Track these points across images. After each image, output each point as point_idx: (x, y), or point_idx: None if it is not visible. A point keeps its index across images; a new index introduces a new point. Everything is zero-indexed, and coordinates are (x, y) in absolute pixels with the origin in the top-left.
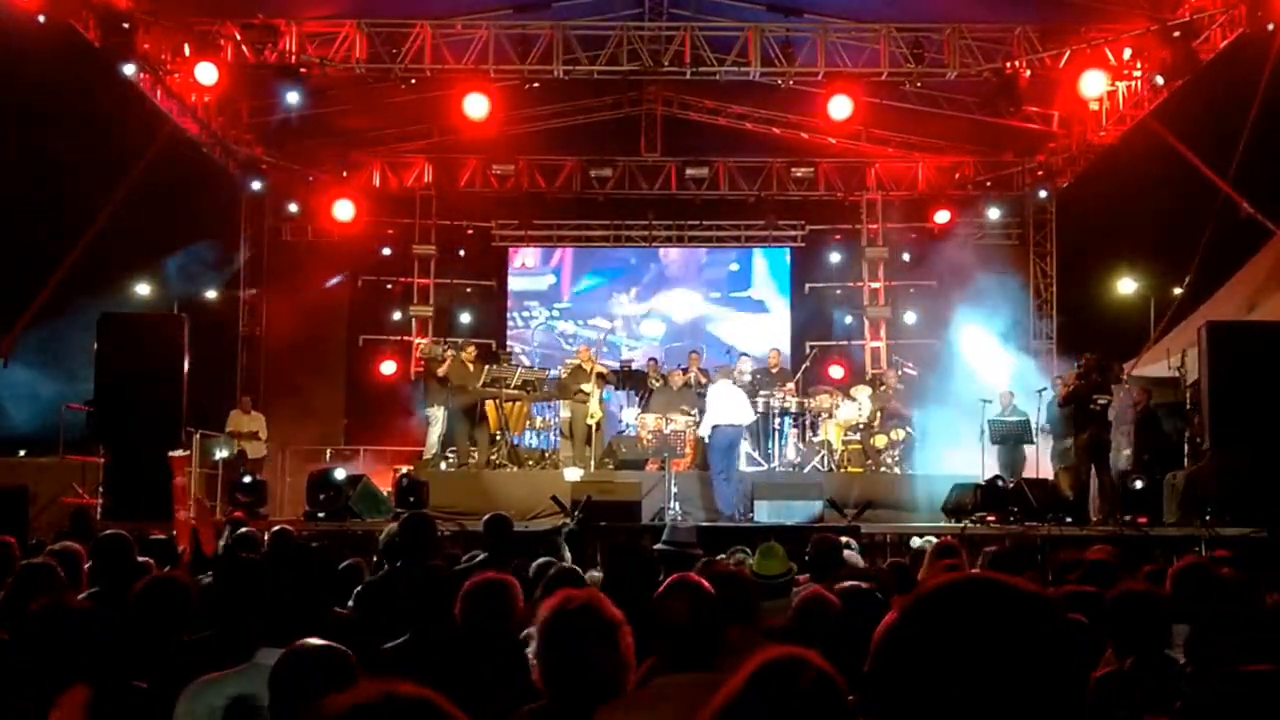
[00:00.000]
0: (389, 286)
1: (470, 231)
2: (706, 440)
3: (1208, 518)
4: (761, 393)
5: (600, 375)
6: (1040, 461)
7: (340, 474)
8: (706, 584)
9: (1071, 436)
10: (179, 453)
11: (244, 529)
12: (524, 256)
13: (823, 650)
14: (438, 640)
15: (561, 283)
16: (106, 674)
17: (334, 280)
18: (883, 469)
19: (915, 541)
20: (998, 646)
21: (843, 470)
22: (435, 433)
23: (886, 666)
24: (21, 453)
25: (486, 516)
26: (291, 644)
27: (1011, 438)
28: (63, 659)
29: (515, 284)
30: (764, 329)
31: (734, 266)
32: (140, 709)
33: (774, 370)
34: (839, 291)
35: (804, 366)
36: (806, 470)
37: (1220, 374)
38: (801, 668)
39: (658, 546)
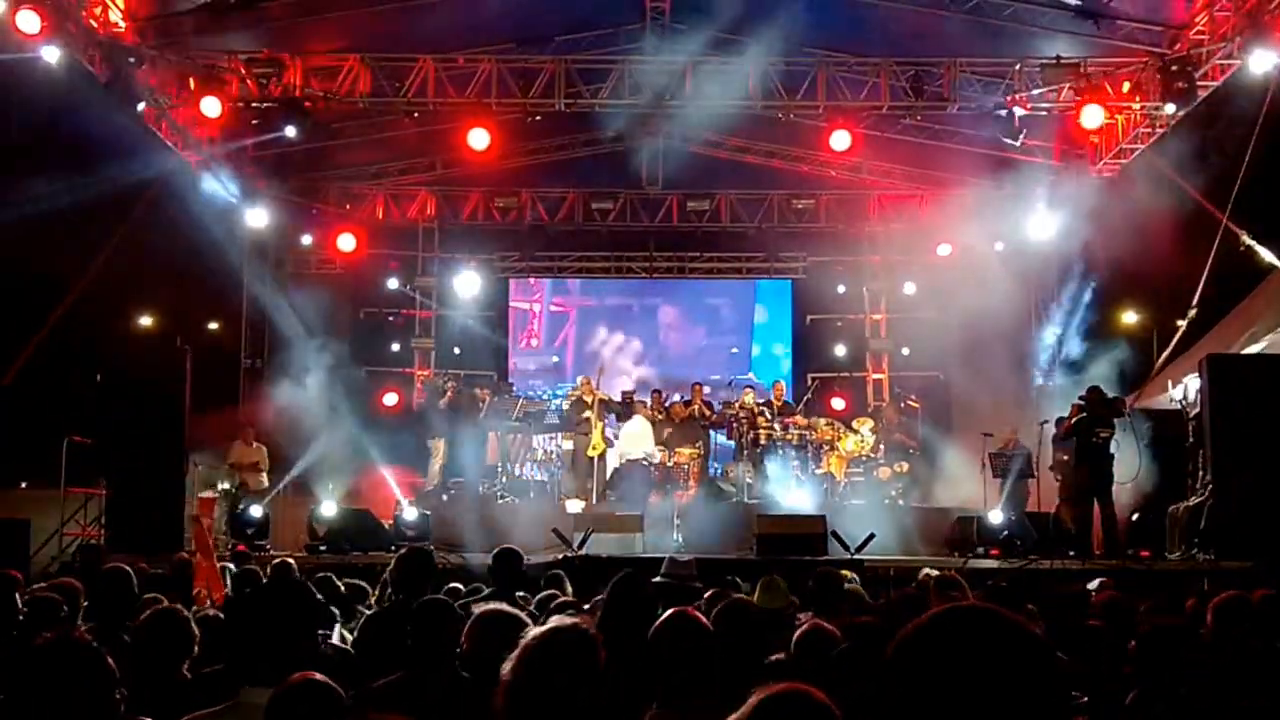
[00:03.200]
0: (391, 318)
1: (472, 264)
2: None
3: (1211, 552)
4: (764, 425)
5: (603, 403)
6: (1042, 495)
7: (342, 506)
8: (704, 619)
9: (1073, 470)
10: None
11: (246, 566)
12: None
13: (824, 683)
14: (435, 676)
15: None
16: (112, 708)
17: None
18: (885, 501)
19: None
20: (983, 665)
21: (846, 503)
22: (436, 464)
23: (893, 679)
24: (23, 484)
25: (495, 550)
26: (282, 680)
27: (1013, 471)
28: (69, 692)
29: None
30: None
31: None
32: None
33: (777, 402)
34: (840, 323)
35: (806, 398)
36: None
37: (1222, 407)
38: (804, 702)
39: (656, 579)
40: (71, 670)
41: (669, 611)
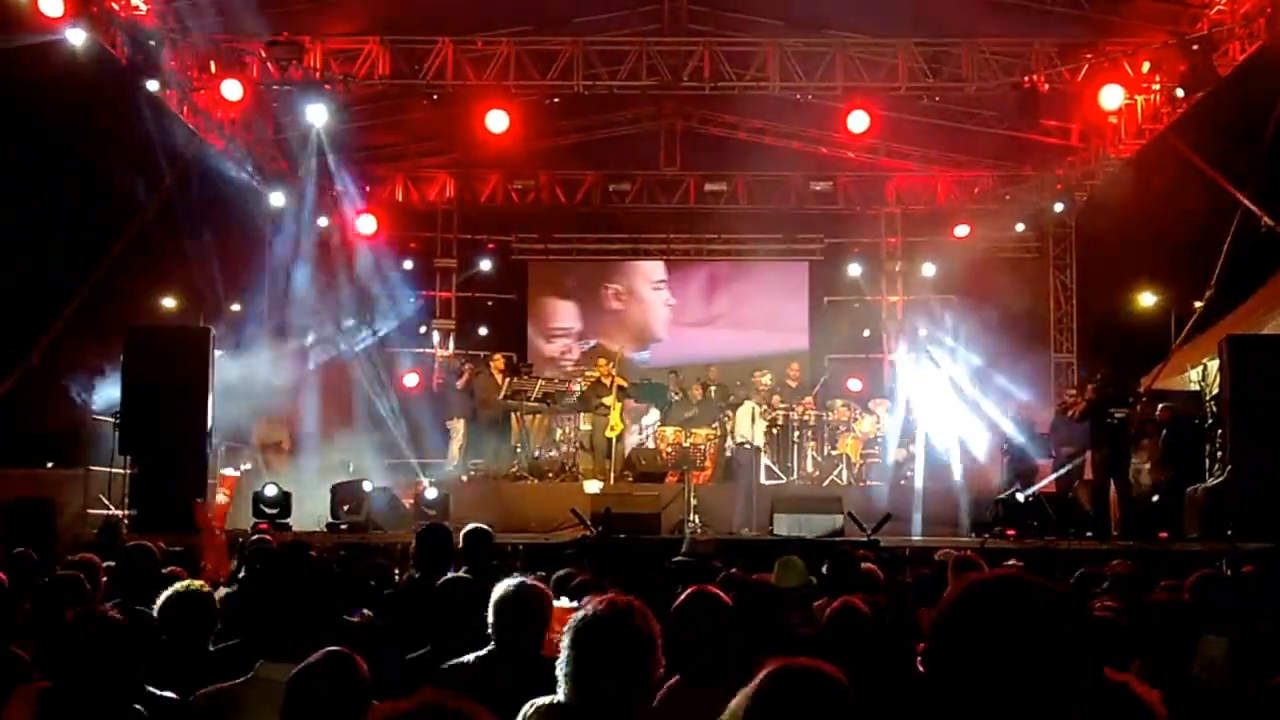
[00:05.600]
0: (412, 299)
1: (491, 245)
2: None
3: (1229, 532)
4: (780, 406)
5: (621, 388)
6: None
7: (363, 485)
8: (725, 597)
9: (1088, 450)
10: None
11: (262, 543)
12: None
13: (854, 660)
14: (459, 651)
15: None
16: (136, 683)
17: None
18: (902, 482)
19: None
20: (1024, 627)
21: (861, 484)
22: (456, 445)
23: (940, 642)
24: (49, 464)
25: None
26: (300, 655)
27: (1029, 451)
28: (95, 668)
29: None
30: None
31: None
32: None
33: (792, 384)
34: (857, 305)
35: (822, 380)
36: (825, 483)
37: (1241, 388)
38: (812, 677)
39: (676, 559)
40: (98, 643)
41: (689, 589)
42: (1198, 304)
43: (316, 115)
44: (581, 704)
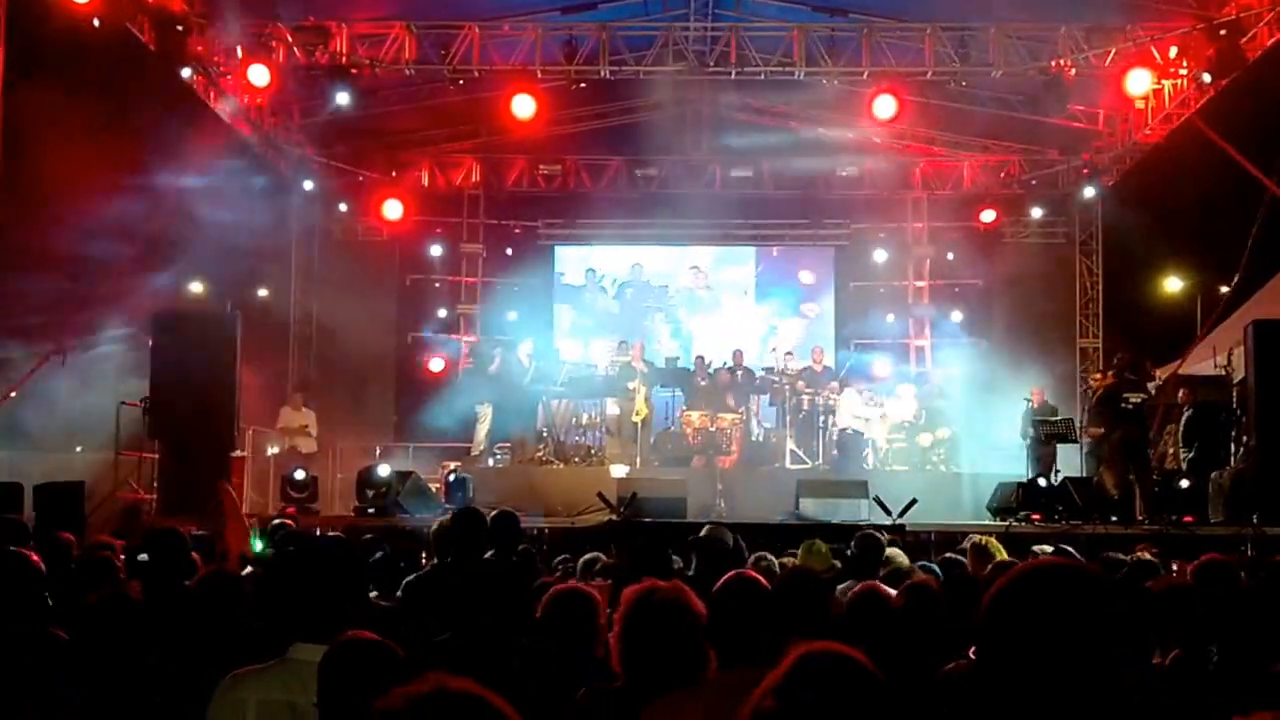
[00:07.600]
0: (437, 285)
1: (517, 230)
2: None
3: (1254, 517)
4: (805, 391)
5: (644, 374)
6: (1071, 460)
7: (389, 470)
8: (763, 581)
9: (1106, 435)
10: (237, 453)
11: (289, 526)
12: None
13: (876, 644)
14: (487, 635)
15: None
16: (163, 665)
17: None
18: (927, 467)
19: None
20: (1076, 610)
21: (888, 468)
22: (483, 429)
23: (993, 621)
24: (78, 449)
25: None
26: (337, 638)
27: (1056, 436)
28: (122, 649)
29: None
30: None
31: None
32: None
33: (818, 369)
34: (883, 290)
35: (848, 365)
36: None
37: (1267, 372)
38: (840, 662)
39: (692, 539)
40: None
41: (730, 574)
42: (1224, 289)
43: (342, 100)
44: (633, 687)
